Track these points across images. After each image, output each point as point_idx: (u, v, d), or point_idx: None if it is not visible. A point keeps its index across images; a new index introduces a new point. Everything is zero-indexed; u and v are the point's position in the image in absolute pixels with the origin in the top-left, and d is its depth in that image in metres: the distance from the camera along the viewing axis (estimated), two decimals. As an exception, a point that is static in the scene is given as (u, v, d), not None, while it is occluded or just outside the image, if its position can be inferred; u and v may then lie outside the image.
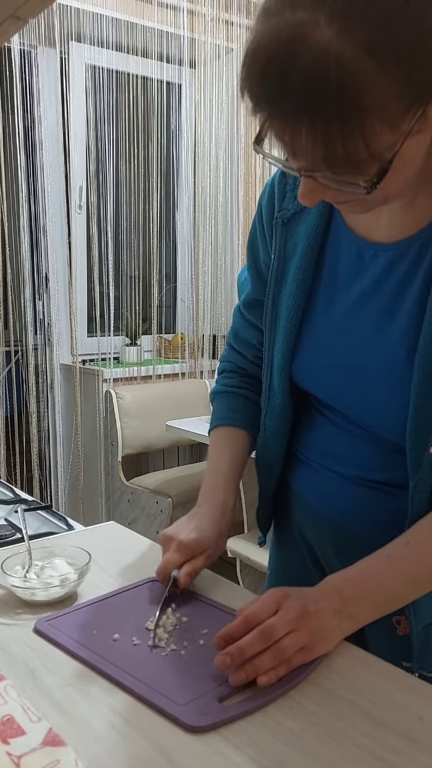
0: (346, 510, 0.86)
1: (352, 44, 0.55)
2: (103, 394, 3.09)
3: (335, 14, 0.56)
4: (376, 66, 0.56)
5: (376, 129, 0.58)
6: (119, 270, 3.23)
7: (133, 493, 2.96)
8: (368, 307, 0.78)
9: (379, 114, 0.58)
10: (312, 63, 0.56)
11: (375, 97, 0.57)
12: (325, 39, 0.55)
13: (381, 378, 0.77)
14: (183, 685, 0.67)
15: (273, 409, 0.92)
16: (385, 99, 0.57)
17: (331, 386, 0.84)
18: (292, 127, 0.60)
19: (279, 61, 0.57)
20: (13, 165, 2.90)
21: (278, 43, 0.57)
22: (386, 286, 0.77)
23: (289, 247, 0.86)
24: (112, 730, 0.61)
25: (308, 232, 0.83)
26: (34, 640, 0.77)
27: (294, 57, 0.56)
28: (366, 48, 0.55)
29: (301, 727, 0.61)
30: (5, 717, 0.61)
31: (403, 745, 0.59)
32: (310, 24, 0.56)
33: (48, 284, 3.09)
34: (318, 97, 0.57)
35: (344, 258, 0.81)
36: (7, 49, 2.81)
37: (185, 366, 3.40)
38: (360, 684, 0.68)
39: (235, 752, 0.58)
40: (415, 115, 0.59)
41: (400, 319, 0.75)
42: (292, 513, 0.98)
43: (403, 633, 0.83)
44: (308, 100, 0.57)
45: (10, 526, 1.13)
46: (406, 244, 0.75)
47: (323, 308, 0.83)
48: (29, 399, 3.06)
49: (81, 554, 0.91)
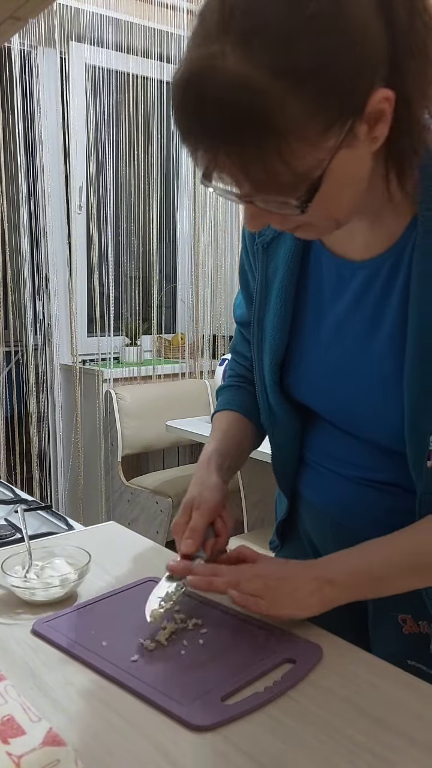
0: (348, 510, 0.87)
1: (257, 69, 0.56)
2: (103, 394, 3.09)
3: (239, 42, 0.57)
4: (282, 87, 0.56)
5: (295, 149, 0.59)
6: (119, 270, 3.24)
7: (133, 493, 2.96)
8: (353, 322, 0.80)
9: (295, 134, 0.58)
10: (220, 92, 0.57)
11: (287, 117, 0.57)
12: (231, 67, 0.57)
13: (372, 389, 0.78)
14: (184, 684, 0.67)
15: (278, 424, 0.93)
16: (298, 118, 0.58)
17: (326, 399, 0.86)
18: (213, 156, 0.61)
19: (193, 93, 0.59)
20: (13, 165, 2.90)
21: (191, 75, 0.59)
22: (366, 301, 0.78)
23: (270, 271, 0.88)
24: (112, 730, 0.61)
25: (287, 256, 0.85)
26: (34, 639, 0.77)
27: (205, 88, 0.58)
28: (271, 71, 0.56)
29: (301, 726, 0.62)
30: (5, 717, 0.61)
31: (402, 744, 0.59)
32: (218, 54, 0.57)
33: (48, 284, 3.09)
34: (230, 124, 0.58)
35: (326, 276, 0.83)
36: (7, 49, 2.81)
37: (185, 366, 3.40)
38: (359, 683, 0.68)
39: (235, 752, 0.58)
40: (340, 132, 0.60)
41: (385, 332, 0.76)
42: (296, 514, 0.98)
43: (409, 632, 0.83)
44: (221, 128, 0.58)
45: (10, 526, 1.14)
46: (379, 260, 0.76)
47: (312, 325, 0.85)
48: (29, 399, 3.06)
49: (81, 554, 0.91)
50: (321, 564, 0.77)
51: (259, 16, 0.57)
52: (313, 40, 0.56)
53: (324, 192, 0.63)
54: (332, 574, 0.73)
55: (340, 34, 0.57)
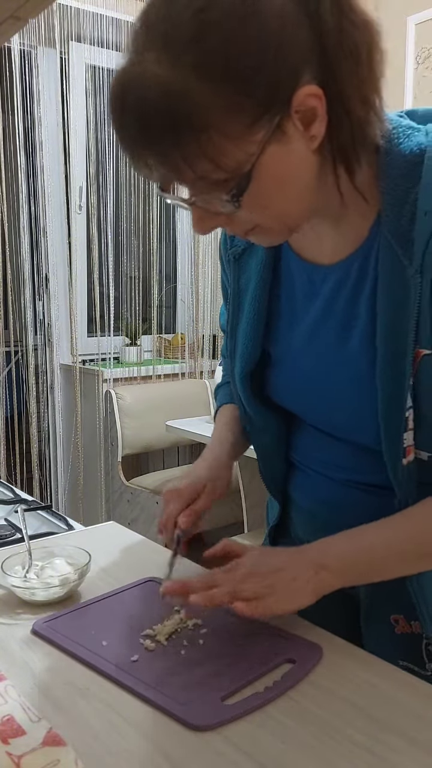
0: (337, 511, 0.87)
1: (174, 70, 0.58)
2: (103, 394, 3.09)
3: (155, 47, 0.59)
4: (198, 86, 0.58)
5: (219, 145, 0.60)
6: (119, 270, 3.24)
7: (133, 494, 2.96)
8: (326, 327, 0.80)
9: (217, 130, 0.60)
10: (140, 98, 0.59)
11: (206, 115, 0.59)
12: (149, 72, 0.59)
13: (348, 392, 0.79)
14: (184, 684, 0.67)
15: (257, 431, 0.94)
16: (218, 115, 0.59)
17: (305, 404, 0.87)
18: (144, 161, 0.63)
19: (120, 102, 0.61)
20: (13, 165, 2.90)
21: (116, 86, 0.61)
22: (337, 305, 0.78)
23: (242, 281, 0.89)
24: (112, 730, 0.61)
25: (258, 266, 0.86)
26: (34, 639, 0.77)
27: (127, 96, 0.60)
28: (186, 71, 0.58)
29: (301, 726, 0.62)
30: (5, 717, 0.61)
31: (402, 744, 0.59)
32: (138, 62, 0.60)
33: (48, 284, 3.09)
34: (152, 128, 0.60)
35: (298, 283, 0.84)
36: (7, 49, 2.81)
37: (185, 366, 3.40)
38: (359, 683, 0.68)
39: (235, 752, 0.58)
40: (267, 128, 0.61)
41: (357, 335, 0.76)
42: (288, 517, 0.99)
43: (401, 632, 0.83)
44: (146, 132, 0.61)
45: (10, 526, 1.14)
46: (347, 262, 0.77)
47: (286, 332, 0.86)
48: (29, 399, 3.06)
49: (81, 554, 0.91)
50: (313, 549, 0.76)
51: (173, 20, 0.59)
52: (226, 39, 0.58)
53: (258, 188, 0.64)
54: (325, 559, 0.73)
55: (252, 34, 0.58)
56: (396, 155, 0.70)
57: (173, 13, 0.59)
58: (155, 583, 0.88)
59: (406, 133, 0.71)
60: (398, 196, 0.69)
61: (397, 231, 0.69)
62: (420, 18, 2.81)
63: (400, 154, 0.70)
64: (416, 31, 2.83)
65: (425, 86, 2.84)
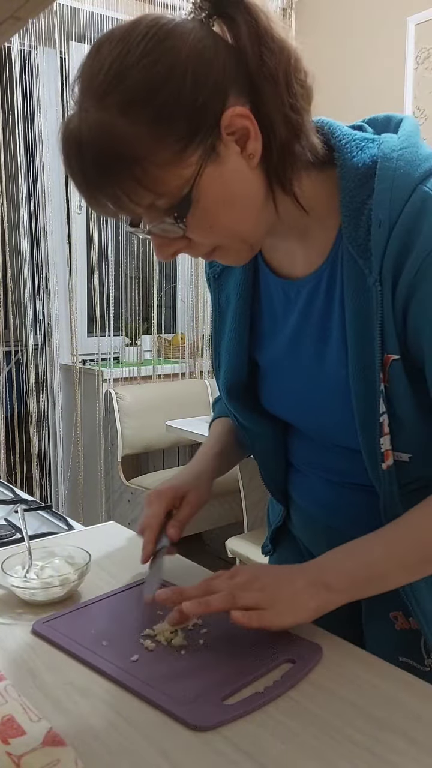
0: (337, 512, 0.87)
1: (102, 110, 0.63)
2: (103, 394, 3.09)
3: (86, 93, 0.65)
4: (123, 121, 0.63)
5: (154, 174, 0.64)
6: (119, 270, 3.23)
7: (133, 493, 2.96)
8: (304, 339, 0.82)
9: (149, 161, 0.64)
10: (77, 144, 0.64)
11: (136, 146, 0.63)
12: (83, 120, 0.64)
13: (330, 400, 0.80)
14: (184, 684, 0.67)
15: (255, 435, 0.95)
16: (147, 145, 0.63)
17: (293, 413, 0.88)
18: (97, 202, 0.67)
19: (65, 153, 0.66)
20: (13, 165, 2.90)
21: (61, 140, 0.66)
22: (313, 316, 0.80)
23: (222, 300, 0.91)
24: (112, 730, 0.61)
25: (237, 285, 0.88)
26: (34, 639, 0.77)
27: (68, 146, 0.65)
28: (113, 109, 0.63)
29: (301, 726, 0.62)
30: (5, 717, 0.61)
31: (402, 744, 0.59)
32: (76, 113, 0.66)
33: (48, 284, 3.09)
34: (91, 170, 0.65)
35: (276, 299, 0.86)
36: (7, 49, 2.81)
37: (185, 366, 3.40)
38: (359, 683, 0.68)
39: (235, 752, 0.58)
40: (200, 151, 0.65)
41: (333, 344, 0.78)
42: (288, 518, 0.99)
43: (401, 628, 0.83)
44: (88, 176, 0.65)
45: (10, 526, 1.14)
46: (318, 274, 0.78)
47: (268, 345, 0.88)
48: (29, 399, 3.06)
49: (81, 554, 0.91)
50: (315, 567, 0.75)
51: (98, 69, 0.64)
52: (143, 76, 0.63)
53: (201, 209, 0.67)
54: (328, 578, 0.72)
55: (167, 68, 0.63)
56: (350, 169, 0.72)
57: (97, 64, 0.64)
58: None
59: (360, 145, 0.73)
60: (354, 208, 0.72)
61: (356, 242, 0.71)
62: (420, 18, 2.81)
63: (354, 168, 0.72)
64: (416, 31, 2.84)
65: (425, 86, 2.84)
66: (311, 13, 3.29)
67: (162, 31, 0.64)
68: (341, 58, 3.11)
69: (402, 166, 0.69)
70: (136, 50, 0.63)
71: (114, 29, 0.67)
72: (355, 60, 3.09)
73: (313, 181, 0.73)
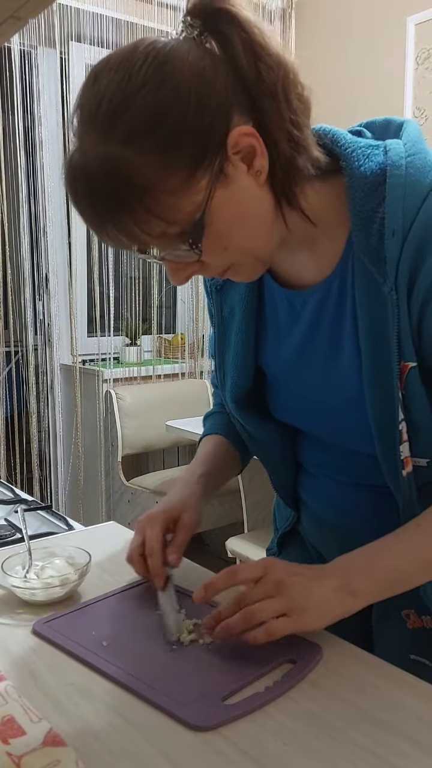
0: (349, 513, 0.87)
1: (108, 143, 0.62)
2: (103, 394, 3.08)
3: (90, 126, 0.64)
4: (129, 152, 0.62)
5: (164, 202, 0.64)
6: (119, 270, 3.23)
7: (133, 494, 2.96)
8: (312, 348, 0.81)
9: (159, 189, 0.63)
10: (84, 178, 0.64)
11: (144, 176, 0.62)
12: (88, 153, 0.64)
13: (343, 407, 0.79)
14: (185, 684, 0.67)
15: (264, 442, 0.94)
16: (156, 174, 0.63)
17: (304, 420, 0.88)
18: (107, 234, 0.67)
19: (72, 188, 0.66)
20: (13, 165, 2.90)
21: (65, 175, 0.66)
22: (323, 324, 0.80)
23: (226, 312, 0.91)
24: (112, 730, 0.61)
25: (242, 297, 0.87)
26: (35, 640, 0.77)
27: (75, 180, 0.65)
28: (117, 141, 0.62)
29: (301, 726, 0.61)
30: (6, 717, 0.61)
31: (403, 745, 0.59)
32: (79, 146, 0.65)
33: (48, 284, 3.09)
34: (100, 203, 0.64)
35: (280, 308, 0.85)
36: (7, 49, 2.81)
37: (185, 366, 3.40)
38: (360, 684, 0.68)
39: (235, 752, 0.58)
40: (209, 174, 0.64)
41: (345, 352, 0.77)
42: (297, 521, 0.99)
43: (413, 626, 0.83)
44: (97, 208, 0.65)
45: (10, 526, 1.14)
46: (327, 282, 0.78)
47: (272, 355, 0.87)
48: (29, 399, 3.06)
49: (81, 554, 0.91)
50: (341, 573, 0.73)
51: (98, 101, 0.63)
52: (145, 104, 0.62)
53: (215, 231, 0.67)
54: (356, 585, 0.71)
55: (169, 93, 0.62)
56: (358, 178, 0.72)
57: (98, 93, 0.63)
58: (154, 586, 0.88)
59: (366, 153, 0.72)
60: (365, 216, 0.71)
61: (368, 250, 0.71)
62: (420, 18, 2.81)
63: (362, 176, 0.72)
64: (416, 31, 2.83)
65: (425, 86, 2.84)
66: (311, 13, 3.29)
67: (161, 54, 0.63)
68: (341, 58, 3.11)
69: (412, 174, 0.69)
70: (138, 77, 0.62)
71: (110, 56, 0.66)
72: (355, 60, 3.09)
73: (317, 192, 0.73)
